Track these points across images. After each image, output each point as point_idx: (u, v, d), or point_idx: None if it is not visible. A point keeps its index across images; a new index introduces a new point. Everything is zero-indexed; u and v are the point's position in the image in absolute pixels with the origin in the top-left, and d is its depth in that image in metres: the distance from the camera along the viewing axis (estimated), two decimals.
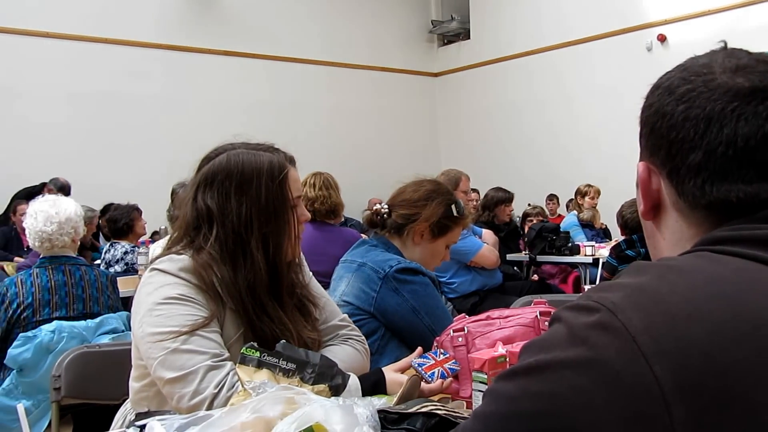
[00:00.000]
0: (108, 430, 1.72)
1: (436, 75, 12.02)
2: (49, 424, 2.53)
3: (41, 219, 2.95)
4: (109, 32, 8.65)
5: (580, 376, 0.63)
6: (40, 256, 3.06)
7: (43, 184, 6.92)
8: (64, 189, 6.52)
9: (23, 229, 6.05)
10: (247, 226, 1.53)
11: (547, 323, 1.66)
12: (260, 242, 1.54)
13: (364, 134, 10.90)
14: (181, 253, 1.56)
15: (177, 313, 1.45)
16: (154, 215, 5.36)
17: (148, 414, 1.27)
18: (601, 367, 0.63)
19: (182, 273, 1.51)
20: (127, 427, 1.21)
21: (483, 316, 1.73)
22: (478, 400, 1.35)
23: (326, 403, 1.11)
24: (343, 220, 7.20)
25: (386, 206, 2.30)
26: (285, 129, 6.79)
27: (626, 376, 0.61)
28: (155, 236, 5.04)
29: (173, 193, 4.05)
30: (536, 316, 1.70)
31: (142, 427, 1.17)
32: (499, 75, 10.88)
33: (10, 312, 2.89)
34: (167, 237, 3.89)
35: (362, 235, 4.54)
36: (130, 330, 2.95)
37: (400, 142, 11.27)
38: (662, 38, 8.79)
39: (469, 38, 11.54)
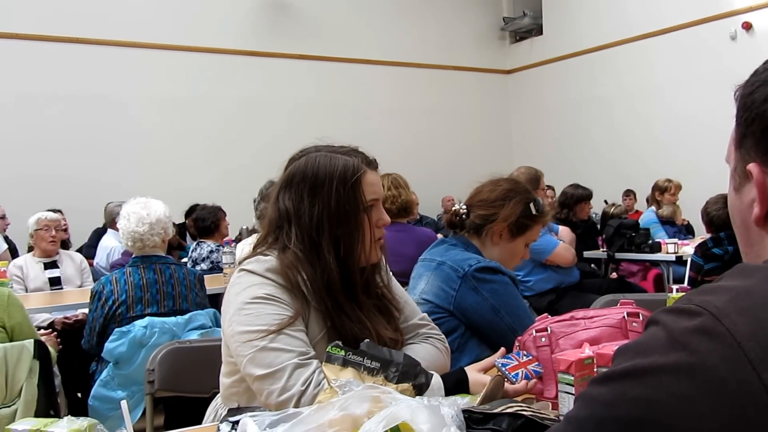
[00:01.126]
0: (197, 421, 1.79)
1: (508, 72, 11.88)
2: (143, 414, 2.64)
3: (134, 220, 3.09)
4: (192, 41, 9.01)
5: (680, 382, 0.62)
6: (133, 256, 3.20)
7: None
8: None
9: (115, 229, 6.31)
10: (319, 227, 1.56)
11: (635, 324, 1.64)
12: (331, 244, 1.57)
13: (437, 133, 10.90)
14: (267, 255, 1.60)
15: (264, 312, 1.50)
16: (236, 215, 5.51)
17: (239, 409, 1.31)
18: (705, 374, 0.61)
19: (268, 273, 1.55)
20: (220, 422, 1.25)
21: (567, 316, 1.70)
22: (564, 402, 1.34)
23: (413, 403, 1.11)
24: (418, 217, 7.24)
25: (464, 206, 2.29)
26: (359, 129, 6.89)
27: (732, 383, 0.60)
28: (238, 236, 5.18)
29: (262, 191, 4.12)
30: (623, 317, 1.65)
31: (235, 422, 1.21)
32: (573, 70, 10.66)
33: (107, 308, 3.05)
34: (251, 237, 3.98)
35: (438, 234, 4.55)
36: (217, 326, 3.07)
37: (472, 140, 11.22)
38: (747, 26, 8.39)
39: (541, 34, 11.35)
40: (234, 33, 9.33)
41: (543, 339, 1.64)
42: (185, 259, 4.85)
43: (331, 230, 1.56)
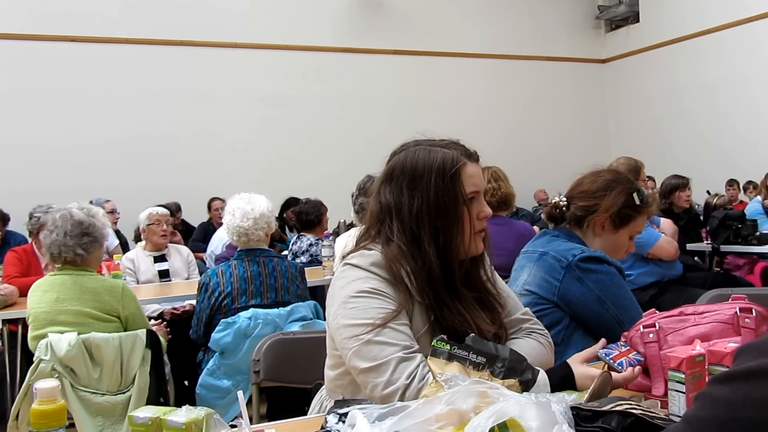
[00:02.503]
0: (297, 410, 1.83)
1: (603, 61, 11.61)
2: (248, 403, 2.74)
3: (239, 215, 3.20)
4: (288, 39, 9.23)
5: None
6: (238, 249, 3.31)
7: None
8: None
9: (219, 224, 6.56)
10: (419, 220, 1.57)
11: (747, 320, 1.57)
12: (431, 237, 1.57)
13: (530, 125, 10.77)
14: (371, 249, 1.62)
15: (369, 306, 1.51)
16: (333, 209, 5.60)
17: (344, 402, 1.33)
18: None
19: (373, 267, 1.57)
20: (327, 414, 1.27)
21: (675, 311, 1.65)
22: (675, 401, 1.30)
23: (522, 399, 1.10)
24: (514, 210, 7.18)
25: (565, 198, 2.25)
26: (454, 123, 6.84)
27: None
28: (336, 229, 5.26)
29: (360, 185, 4.16)
30: (735, 312, 1.59)
31: (343, 414, 1.24)
32: (672, 58, 10.32)
33: (213, 300, 3.16)
34: (350, 230, 4.01)
35: (534, 227, 4.49)
36: (317, 318, 3.14)
37: (567, 131, 11.03)
38: None
39: (638, 21, 11.05)
40: (331, 30, 9.53)
41: (651, 335, 1.59)
42: (285, 252, 4.97)
43: (431, 222, 1.57)
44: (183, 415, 1.22)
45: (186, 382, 3.83)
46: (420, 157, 1.60)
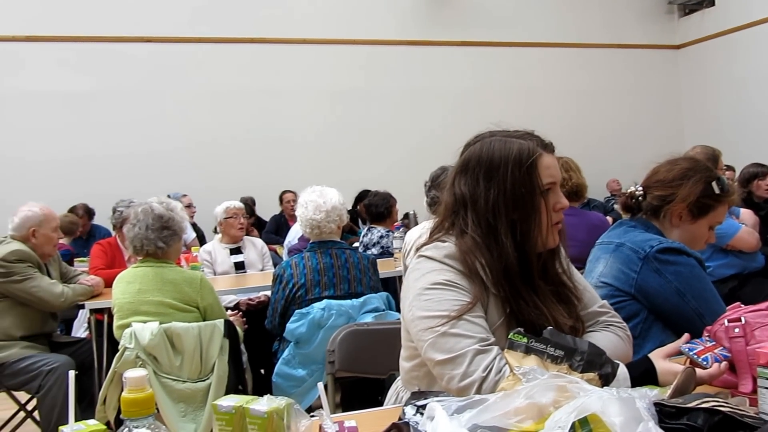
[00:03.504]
0: (370, 399, 1.84)
1: (677, 47, 11.23)
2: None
3: (311, 208, 3.25)
4: (355, 33, 9.29)
5: None
6: (310, 241, 3.36)
7: None
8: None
9: (290, 216, 6.66)
10: (495, 212, 1.55)
11: None
12: (508, 229, 1.55)
13: (602, 114, 10.54)
14: (445, 241, 1.61)
15: (444, 298, 1.51)
16: (400, 200, 5.63)
17: (421, 393, 1.33)
18: None
19: (447, 259, 1.56)
20: (404, 405, 1.28)
21: (763, 305, 1.59)
22: (765, 398, 1.26)
23: (603, 394, 1.08)
24: (586, 200, 7.06)
25: (641, 188, 2.20)
26: (522, 113, 6.74)
27: None
28: (404, 221, 5.27)
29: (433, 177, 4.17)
30: None
31: (421, 406, 1.24)
32: (750, 42, 9.90)
33: (287, 291, 3.22)
34: (423, 222, 4.02)
35: (607, 218, 4.40)
36: (390, 310, 3.16)
37: (639, 120, 10.74)
38: None
39: (713, 5, 10.63)
40: (395, 24, 9.54)
41: (736, 330, 1.54)
42: (356, 244, 5.02)
43: (508, 214, 1.55)
44: (265, 404, 1.24)
45: (262, 371, 3.92)
46: (496, 148, 1.58)
